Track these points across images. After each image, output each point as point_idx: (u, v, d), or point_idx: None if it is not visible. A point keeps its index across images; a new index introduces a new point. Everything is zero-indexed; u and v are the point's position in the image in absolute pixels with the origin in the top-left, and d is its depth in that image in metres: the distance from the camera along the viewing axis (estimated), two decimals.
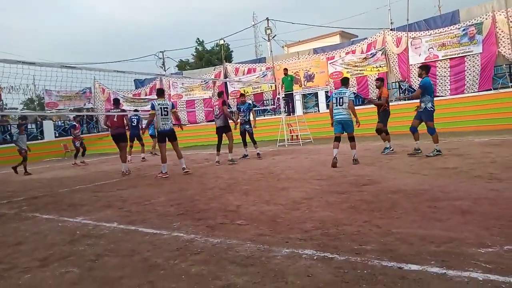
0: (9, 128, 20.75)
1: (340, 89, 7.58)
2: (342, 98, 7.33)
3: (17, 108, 31.18)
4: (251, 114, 9.77)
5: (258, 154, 9.82)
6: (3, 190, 7.93)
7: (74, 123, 13.92)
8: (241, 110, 9.76)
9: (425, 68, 7.65)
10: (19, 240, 3.70)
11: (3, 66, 6.74)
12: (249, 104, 10.10)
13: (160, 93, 8.14)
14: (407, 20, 16.46)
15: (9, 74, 6.95)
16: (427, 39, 16.03)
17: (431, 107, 7.35)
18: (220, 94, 9.96)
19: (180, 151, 8.11)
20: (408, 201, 3.95)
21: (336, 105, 7.40)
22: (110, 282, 2.48)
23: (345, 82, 7.69)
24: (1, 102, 25.67)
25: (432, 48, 15.91)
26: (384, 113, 8.53)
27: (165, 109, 7.68)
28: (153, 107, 7.69)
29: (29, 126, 21.31)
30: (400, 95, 17.50)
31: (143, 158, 12.50)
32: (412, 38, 16.37)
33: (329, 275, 2.28)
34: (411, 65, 16.43)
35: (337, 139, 7.43)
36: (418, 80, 16.43)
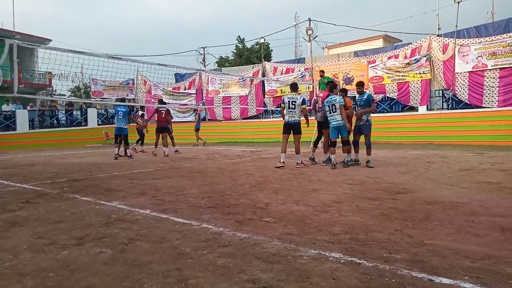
0: (57, 113, 21.92)
1: (330, 96, 7.85)
2: (334, 105, 7.67)
3: (65, 95, 32.91)
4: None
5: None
6: (47, 171, 8.41)
7: (143, 112, 14.76)
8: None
9: (363, 85, 8.20)
10: (60, 218, 3.91)
11: (56, 54, 7.16)
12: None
13: (293, 87, 8.47)
14: (456, 26, 15.79)
15: (60, 62, 7.39)
16: (476, 47, 15.29)
17: (370, 120, 7.90)
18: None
19: (299, 146, 8.24)
20: (444, 213, 3.80)
21: (330, 112, 7.77)
22: (140, 265, 2.57)
23: (332, 89, 7.93)
24: (51, 88, 27.22)
25: (481, 56, 15.15)
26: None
27: (293, 103, 8.03)
28: (283, 101, 8.20)
29: (74, 113, 22.42)
30: (442, 104, 16.83)
31: (176, 150, 12.70)
32: (460, 45, 15.67)
33: (355, 280, 2.25)
34: (457, 73, 15.74)
35: (334, 144, 7.85)
36: (464, 88, 15.83)
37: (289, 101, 8.07)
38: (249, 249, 2.84)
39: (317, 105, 8.87)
